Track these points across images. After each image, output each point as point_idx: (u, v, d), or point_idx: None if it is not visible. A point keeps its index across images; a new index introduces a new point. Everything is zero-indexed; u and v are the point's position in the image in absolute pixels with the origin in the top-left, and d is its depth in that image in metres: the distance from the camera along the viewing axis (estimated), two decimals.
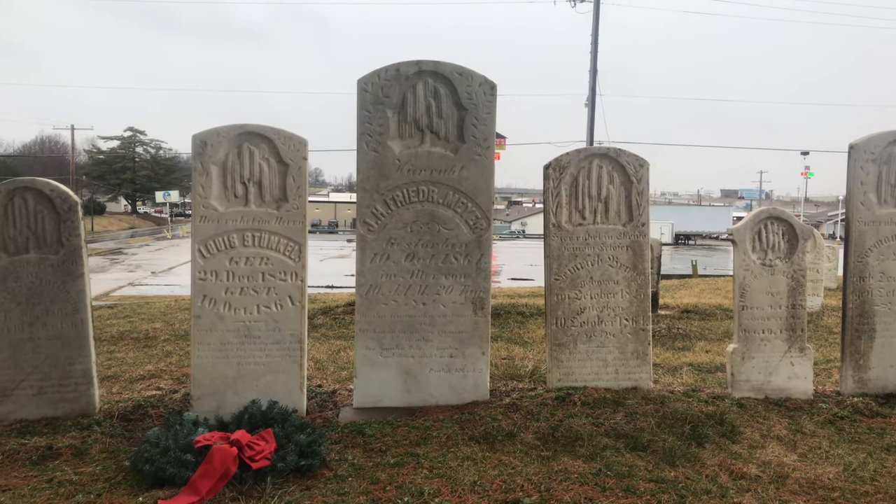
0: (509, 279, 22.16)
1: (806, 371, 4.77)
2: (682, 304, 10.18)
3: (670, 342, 7.49)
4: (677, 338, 7.74)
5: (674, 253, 46.49)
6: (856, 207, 4.78)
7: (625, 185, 4.75)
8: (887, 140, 4.76)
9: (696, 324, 8.68)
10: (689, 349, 7.14)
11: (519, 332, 7.94)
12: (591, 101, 34.32)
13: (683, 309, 9.72)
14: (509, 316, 8.75)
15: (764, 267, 4.73)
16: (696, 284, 15.49)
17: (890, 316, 4.81)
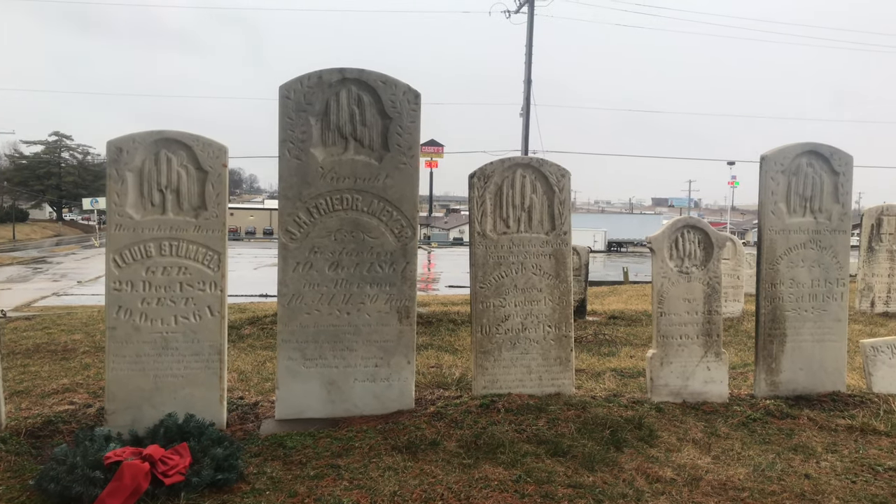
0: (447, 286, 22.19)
1: (722, 375, 4.92)
2: (610, 310, 10.38)
3: (596, 348, 7.63)
4: (603, 343, 7.89)
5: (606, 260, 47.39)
6: (767, 216, 4.96)
7: (547, 194, 4.82)
8: (795, 152, 4.97)
9: (622, 329, 8.87)
10: (614, 354, 7.28)
11: (450, 339, 7.95)
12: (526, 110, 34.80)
13: (610, 315, 9.92)
14: (441, 324, 8.76)
15: (681, 274, 4.87)
16: (625, 291, 15.83)
17: (799, 321, 5.01)
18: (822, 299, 5.03)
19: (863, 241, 10.27)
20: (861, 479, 3.72)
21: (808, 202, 4.99)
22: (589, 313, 9.89)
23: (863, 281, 10.26)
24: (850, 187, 5.04)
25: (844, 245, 5.06)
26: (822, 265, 5.01)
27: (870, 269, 10.18)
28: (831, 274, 5.03)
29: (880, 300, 10.20)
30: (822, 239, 5.00)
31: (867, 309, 10.22)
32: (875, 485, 3.66)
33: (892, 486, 3.65)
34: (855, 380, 5.67)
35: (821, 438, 4.30)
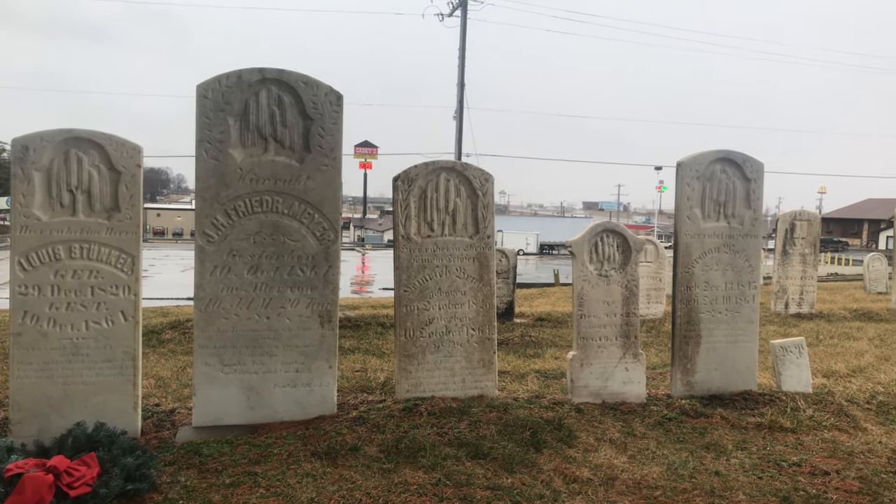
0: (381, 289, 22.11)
1: (639, 376, 5.04)
2: (538, 312, 10.52)
3: (522, 349, 7.71)
4: (529, 345, 7.98)
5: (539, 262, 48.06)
6: (683, 221, 5.11)
7: (471, 198, 4.85)
8: (710, 159, 5.14)
9: (548, 331, 9.00)
10: (539, 356, 7.38)
11: (378, 343, 7.92)
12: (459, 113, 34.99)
13: (538, 317, 10.06)
14: (370, 327, 8.71)
15: (600, 277, 4.97)
16: (554, 293, 16.08)
17: (714, 322, 5.17)
18: (736, 301, 5.21)
19: (777, 245, 10.69)
20: (767, 474, 3.87)
21: (721, 207, 5.16)
22: (517, 315, 10.00)
23: (778, 283, 10.69)
24: (762, 193, 5.24)
25: (756, 249, 5.26)
26: (735, 268, 5.19)
27: (784, 272, 10.61)
28: (744, 277, 5.22)
29: (794, 301, 10.65)
30: (735, 243, 5.19)
31: (782, 310, 10.66)
32: (779, 479, 3.80)
33: (794, 480, 3.80)
34: (766, 379, 5.88)
35: (732, 436, 4.45)
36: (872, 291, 14.64)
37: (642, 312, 10.10)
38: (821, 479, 3.84)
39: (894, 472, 3.95)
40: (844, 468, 3.97)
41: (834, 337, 8.86)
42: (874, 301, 12.90)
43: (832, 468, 3.96)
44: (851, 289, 16.22)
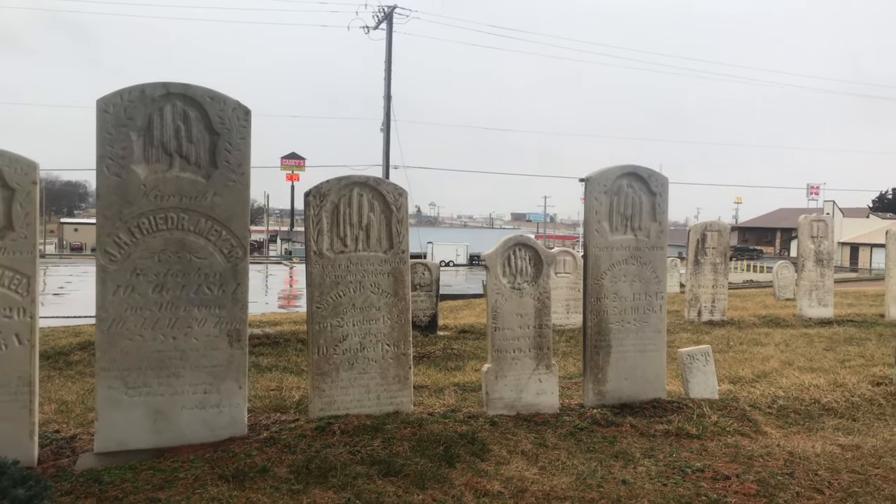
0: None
1: (552, 387, 5.12)
2: (462, 324, 10.57)
3: (444, 363, 7.74)
4: (451, 358, 8.01)
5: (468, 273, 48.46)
6: (592, 234, 5.24)
7: (385, 213, 4.84)
8: (617, 174, 5.29)
9: (471, 343, 9.05)
10: (460, 369, 7.41)
11: (297, 360, 7.80)
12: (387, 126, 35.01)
13: (462, 329, 10.11)
14: (289, 344, 8.57)
15: (513, 290, 5.03)
16: (480, 304, 16.18)
17: (623, 332, 5.31)
18: (644, 312, 5.36)
19: (690, 255, 11.07)
20: (672, 481, 3.98)
21: (629, 221, 5.31)
22: (440, 328, 10.03)
23: (691, 292, 11.06)
24: (667, 207, 5.41)
25: (662, 260, 5.43)
26: (642, 280, 5.35)
27: (696, 281, 10.98)
28: (651, 288, 5.37)
29: (706, 309, 11.02)
30: (642, 255, 5.34)
31: (695, 318, 11.02)
32: (683, 486, 3.92)
33: (697, 486, 3.93)
34: (677, 386, 6.06)
35: (640, 444, 4.56)
36: (781, 298, 15.30)
37: (562, 322, 10.29)
38: (722, 483, 3.97)
39: (790, 474, 4.12)
40: (744, 472, 4.12)
41: (743, 343, 9.20)
42: (783, 307, 13.48)
43: (733, 472, 4.11)
44: (762, 295, 16.90)
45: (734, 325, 10.79)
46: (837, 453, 4.51)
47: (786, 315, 11.80)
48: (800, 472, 4.16)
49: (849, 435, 4.90)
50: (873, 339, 9.44)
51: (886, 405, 5.54)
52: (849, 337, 9.78)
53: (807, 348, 8.79)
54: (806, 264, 11.64)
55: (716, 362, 7.74)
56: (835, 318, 11.56)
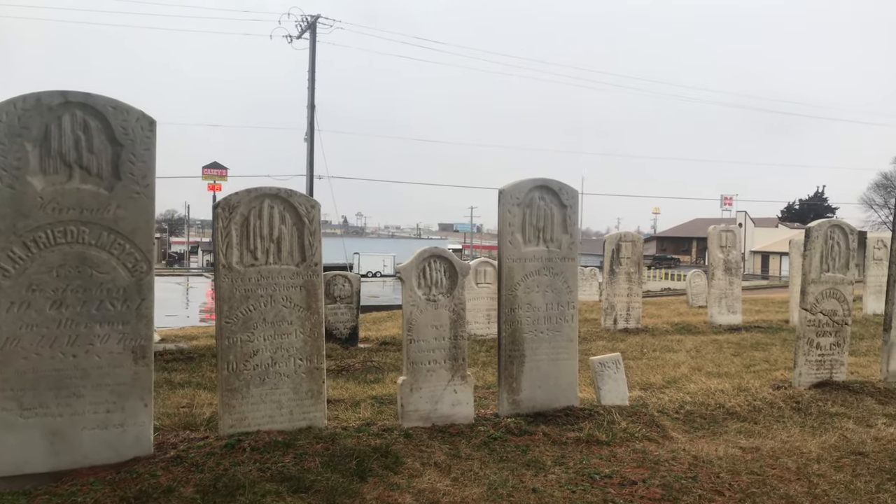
0: None
1: (468, 397, 5.16)
2: (383, 336, 10.54)
3: (363, 375, 7.69)
4: (371, 370, 7.97)
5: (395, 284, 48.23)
6: (505, 246, 5.31)
7: (297, 225, 4.79)
8: (529, 186, 5.38)
9: (392, 355, 9.02)
10: (379, 381, 7.38)
11: (211, 375, 7.60)
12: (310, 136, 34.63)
13: (383, 341, 10.08)
14: (204, 359, 8.36)
15: (428, 302, 5.05)
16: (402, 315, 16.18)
17: (536, 342, 5.39)
18: (556, 321, 5.46)
19: (605, 265, 11.36)
20: (580, 488, 4.06)
21: (541, 232, 5.41)
22: (362, 340, 9.96)
23: (607, 300, 11.34)
24: (577, 219, 5.54)
25: (573, 271, 5.55)
26: (554, 290, 5.45)
27: (612, 290, 11.27)
28: (563, 298, 5.48)
29: (622, 317, 11.32)
30: (554, 266, 5.45)
31: (611, 326, 11.30)
32: (591, 493, 4.00)
33: (605, 492, 4.02)
34: (589, 393, 6.19)
35: (552, 452, 4.64)
36: (694, 305, 15.86)
37: (483, 332, 10.38)
38: (628, 489, 4.08)
39: (693, 478, 4.27)
40: (650, 477, 4.24)
41: (656, 350, 9.49)
42: (695, 314, 13.97)
43: (639, 478, 4.22)
44: (677, 303, 17.48)
45: (648, 332, 11.12)
46: (738, 456, 4.70)
47: (697, 322, 12.23)
48: (703, 476, 4.31)
49: (750, 438, 5.10)
50: (777, 345, 9.90)
51: (785, 408, 5.80)
52: (755, 342, 10.22)
53: (716, 354, 9.14)
54: (716, 273, 12.11)
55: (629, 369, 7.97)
56: (743, 324, 12.06)
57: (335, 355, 8.74)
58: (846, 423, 5.47)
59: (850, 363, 7.99)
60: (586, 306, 15.66)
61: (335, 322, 9.54)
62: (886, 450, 4.88)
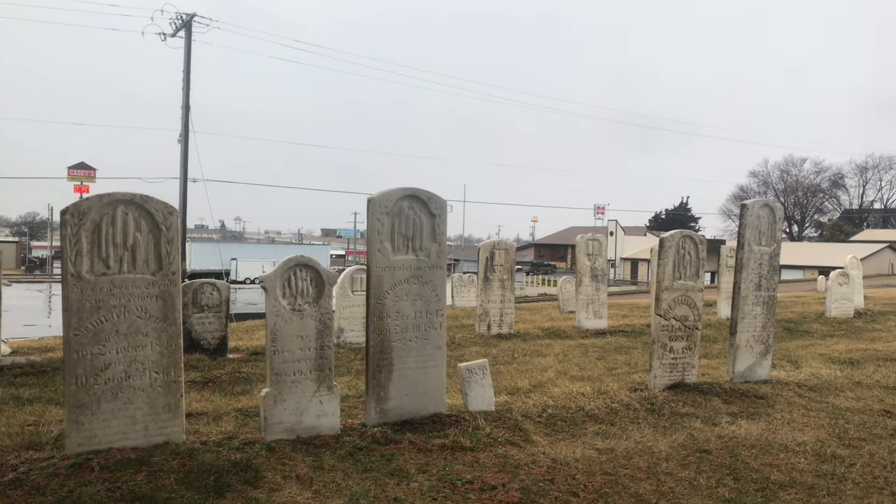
0: None
1: (334, 408, 5.11)
2: (255, 345, 10.26)
3: (230, 387, 7.45)
4: (239, 381, 7.74)
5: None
6: (374, 255, 5.31)
7: (153, 232, 4.59)
8: (398, 196, 5.41)
9: (262, 366, 8.77)
10: (248, 393, 7.18)
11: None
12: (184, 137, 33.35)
13: (254, 351, 9.81)
14: (57, 372, 7.83)
15: (294, 312, 4.97)
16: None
17: (405, 350, 5.42)
18: (424, 329, 5.51)
19: (480, 273, 11.58)
20: (442, 495, 4.11)
21: (410, 241, 5.45)
22: (231, 350, 9.66)
23: (481, 307, 11.56)
24: (445, 228, 5.62)
25: (442, 280, 5.62)
26: (423, 298, 5.50)
27: (486, 297, 11.50)
28: (431, 306, 5.54)
29: (495, 323, 11.57)
30: (423, 274, 5.50)
31: (485, 332, 11.52)
32: (452, 499, 4.07)
33: (465, 498, 4.09)
34: (459, 400, 6.29)
35: (416, 460, 4.67)
36: (565, 311, 16.43)
37: (359, 340, 10.31)
38: (488, 493, 4.16)
39: (551, 480, 4.41)
40: (510, 481, 4.35)
41: (526, 354, 9.76)
42: (565, 319, 14.47)
43: (499, 482, 4.32)
44: (550, 308, 18.05)
45: (520, 337, 11.42)
46: (594, 457, 4.91)
47: (567, 327, 12.68)
48: (560, 478, 4.47)
49: (606, 439, 5.34)
50: (639, 348, 10.41)
51: (640, 409, 6.11)
52: (619, 346, 10.71)
53: (581, 358, 9.50)
54: (583, 280, 12.61)
55: (500, 374, 8.17)
56: (609, 328, 12.61)
57: (202, 367, 8.43)
58: (694, 422, 5.83)
59: (703, 365, 8.54)
60: (465, 312, 15.90)
61: (202, 332, 9.21)
62: (728, 447, 5.23)
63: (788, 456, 5.08)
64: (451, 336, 11.44)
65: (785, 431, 5.65)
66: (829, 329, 13.37)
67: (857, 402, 6.71)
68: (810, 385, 7.38)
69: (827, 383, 7.52)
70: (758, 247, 7.39)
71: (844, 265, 16.42)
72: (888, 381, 7.80)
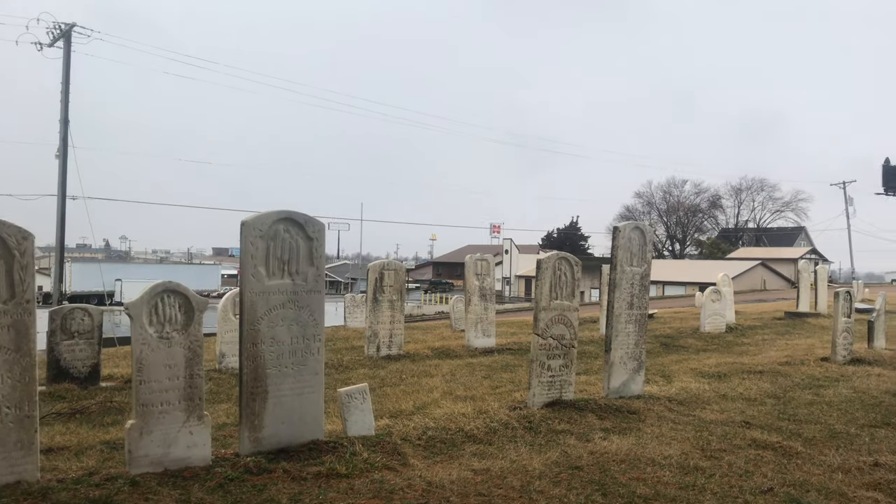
0: None
1: (204, 439, 4.95)
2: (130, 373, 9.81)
3: (100, 418, 7.09)
4: (110, 412, 7.38)
5: None
6: (248, 280, 5.21)
7: (5, 258, 4.33)
8: (273, 218, 5.33)
9: None
10: (118, 424, 6.84)
11: None
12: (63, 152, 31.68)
13: (129, 378, 9.36)
14: None
15: (161, 340, 4.79)
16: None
17: (281, 377, 5.32)
18: (302, 355, 5.43)
19: (369, 294, 11.55)
20: None
21: (286, 265, 5.37)
22: (104, 378, 9.20)
23: (370, 328, 11.52)
24: (323, 251, 5.58)
25: (320, 304, 5.57)
26: (300, 323, 5.43)
27: (375, 318, 11.47)
28: (309, 331, 5.47)
29: (384, 344, 11.55)
30: (299, 299, 5.43)
31: (374, 353, 11.48)
32: None
33: None
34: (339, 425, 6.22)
35: (289, 489, 4.58)
36: (457, 329, 16.60)
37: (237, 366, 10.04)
38: None
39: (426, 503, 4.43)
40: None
41: (415, 375, 9.79)
42: (457, 338, 14.62)
43: None
44: (442, 327, 18.18)
45: (410, 358, 11.44)
46: (470, 478, 4.96)
47: (457, 346, 12.81)
48: (434, 501, 4.49)
49: (483, 459, 5.41)
50: (524, 366, 10.63)
51: (519, 428, 6.24)
52: (505, 364, 10.92)
53: (468, 377, 9.62)
54: (472, 299, 12.80)
55: (386, 396, 8.16)
56: (497, 347, 12.83)
57: (70, 397, 7.99)
58: (569, 439, 6.00)
59: (583, 381, 8.83)
60: (356, 333, 15.79)
61: (72, 360, 8.72)
62: (598, 462, 5.41)
63: (655, 469, 5.30)
64: (340, 358, 11.34)
65: (653, 445, 5.90)
66: (703, 344, 14.10)
67: (720, 415, 7.11)
68: (680, 399, 7.76)
69: (695, 397, 7.94)
70: (630, 267, 7.73)
71: (717, 282, 17.40)
72: (750, 392, 8.31)
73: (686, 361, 11.24)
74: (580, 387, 8.24)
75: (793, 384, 9.02)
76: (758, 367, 10.22)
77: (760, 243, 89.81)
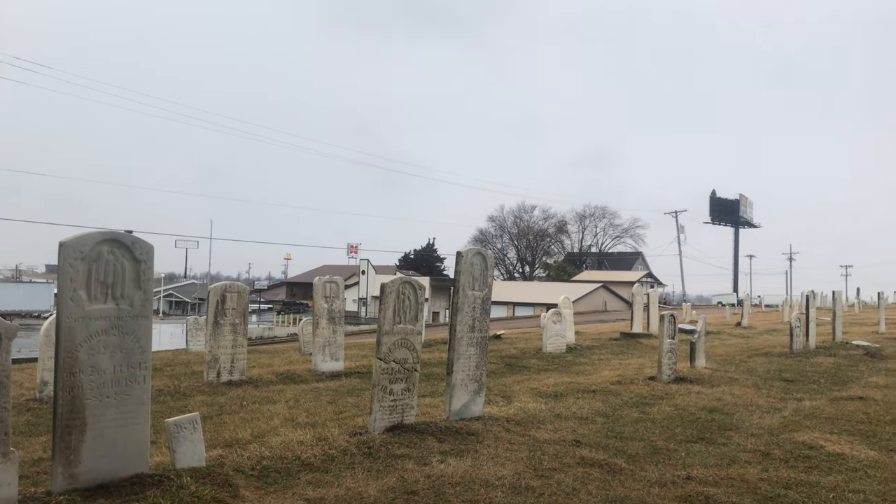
0: None
1: (10, 477, 4.53)
2: None
3: None
4: None
5: None
6: (66, 304, 4.87)
7: None
8: (97, 239, 5.03)
9: None
10: None
11: None
12: None
13: None
14: None
15: None
16: None
17: (102, 408, 5.00)
18: (126, 384, 5.13)
19: (209, 317, 11.11)
20: None
21: (110, 289, 5.07)
22: None
23: (210, 353, 11.07)
24: (152, 274, 5.32)
25: (147, 330, 5.29)
26: (124, 350, 5.13)
27: (216, 342, 11.05)
28: (134, 358, 5.18)
29: (226, 370, 11.14)
30: (124, 325, 5.13)
31: (214, 379, 11.03)
32: None
33: None
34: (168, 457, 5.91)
35: None
36: (306, 353, 16.31)
37: None
38: None
39: None
40: None
41: (256, 402, 9.50)
42: (304, 362, 14.35)
43: None
44: (290, 351, 17.80)
45: (252, 384, 11.09)
46: None
47: (303, 370, 12.57)
48: None
49: (318, 488, 5.32)
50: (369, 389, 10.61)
51: (357, 454, 6.20)
52: (352, 388, 10.83)
53: (313, 403, 9.46)
54: (320, 322, 12.63)
55: (222, 424, 7.86)
56: (345, 370, 12.72)
57: None
58: (407, 463, 6.03)
59: (427, 403, 8.93)
60: (198, 357, 15.13)
61: None
62: (434, 486, 5.48)
63: (488, 491, 5.43)
64: (177, 385, 10.82)
65: (489, 466, 6.05)
66: (544, 364, 14.69)
67: (554, 434, 7.41)
68: (518, 419, 8.02)
69: (532, 417, 8.24)
70: (472, 291, 7.94)
71: (558, 304, 18.22)
72: (583, 412, 8.74)
73: (527, 381, 11.65)
74: (424, 409, 8.32)
75: (622, 402, 9.57)
76: (592, 387, 10.77)
77: (603, 267, 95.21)
